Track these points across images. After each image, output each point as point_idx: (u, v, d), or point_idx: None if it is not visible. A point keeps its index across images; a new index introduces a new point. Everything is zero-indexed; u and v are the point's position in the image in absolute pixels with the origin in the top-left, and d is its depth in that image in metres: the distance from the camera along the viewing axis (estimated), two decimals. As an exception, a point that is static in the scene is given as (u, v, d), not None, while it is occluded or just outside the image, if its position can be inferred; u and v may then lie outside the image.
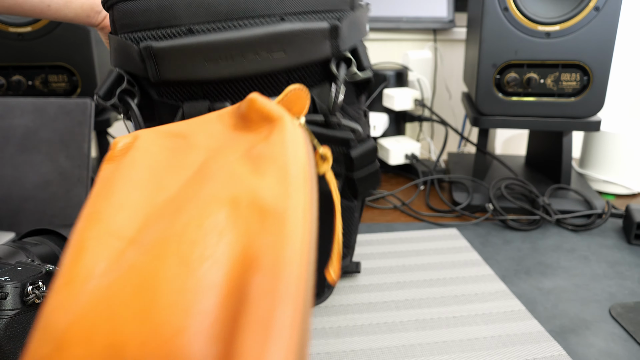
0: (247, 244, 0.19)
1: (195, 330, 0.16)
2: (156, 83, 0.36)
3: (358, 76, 0.37)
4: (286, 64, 0.35)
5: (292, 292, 0.17)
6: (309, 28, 0.34)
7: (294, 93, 0.27)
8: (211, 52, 0.34)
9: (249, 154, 0.23)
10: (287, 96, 0.27)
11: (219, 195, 0.20)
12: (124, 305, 0.18)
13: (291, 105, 0.27)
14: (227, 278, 0.18)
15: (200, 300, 0.17)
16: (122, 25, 0.36)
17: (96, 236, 0.21)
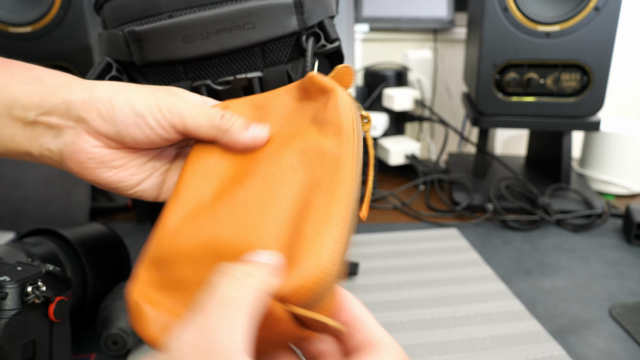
0: (312, 174, 0.27)
1: (272, 225, 0.25)
2: (141, 66, 0.39)
3: (327, 48, 0.40)
4: (257, 38, 0.37)
5: (344, 199, 0.25)
6: (275, 3, 0.37)
7: (342, 70, 0.32)
8: (187, 31, 0.37)
9: (315, 119, 0.30)
10: (337, 72, 0.32)
11: (293, 147, 0.29)
12: (223, 215, 0.26)
13: (340, 79, 0.32)
14: (297, 196, 0.26)
15: (278, 209, 0.26)
16: (111, 20, 0.39)
17: (202, 176, 0.30)
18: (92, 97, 0.31)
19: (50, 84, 0.31)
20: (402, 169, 0.92)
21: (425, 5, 1.11)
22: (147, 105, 0.31)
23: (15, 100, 0.31)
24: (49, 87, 0.31)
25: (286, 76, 0.39)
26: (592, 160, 0.82)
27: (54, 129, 0.31)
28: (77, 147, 0.31)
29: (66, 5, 0.66)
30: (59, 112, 0.31)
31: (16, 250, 0.42)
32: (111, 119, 0.31)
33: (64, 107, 0.31)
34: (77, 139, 0.31)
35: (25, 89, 0.31)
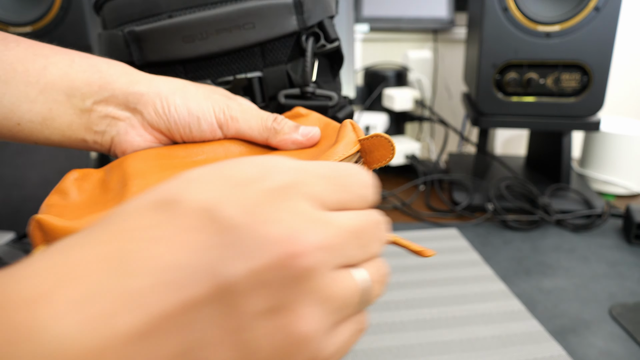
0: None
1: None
2: (141, 66, 0.39)
3: (326, 48, 0.40)
4: (257, 38, 0.38)
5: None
6: (274, 3, 0.37)
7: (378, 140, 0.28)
8: (187, 31, 0.37)
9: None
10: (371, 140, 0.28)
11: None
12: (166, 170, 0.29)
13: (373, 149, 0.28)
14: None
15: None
16: (110, 20, 0.39)
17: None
18: (150, 91, 0.32)
19: (108, 72, 0.32)
20: (402, 169, 0.92)
21: (425, 5, 1.11)
22: (202, 108, 0.32)
23: (74, 88, 0.31)
24: (107, 76, 0.31)
25: (286, 76, 0.40)
26: (592, 160, 0.82)
27: (108, 117, 0.32)
28: (127, 137, 0.32)
29: (66, 5, 0.66)
30: (116, 101, 0.32)
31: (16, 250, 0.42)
32: (166, 116, 0.32)
33: (122, 97, 0.32)
34: (130, 130, 0.32)
35: (84, 76, 0.31)
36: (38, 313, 0.14)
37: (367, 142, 0.28)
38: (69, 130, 0.32)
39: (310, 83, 0.39)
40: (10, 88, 0.29)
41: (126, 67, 0.33)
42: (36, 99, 0.30)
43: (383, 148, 0.27)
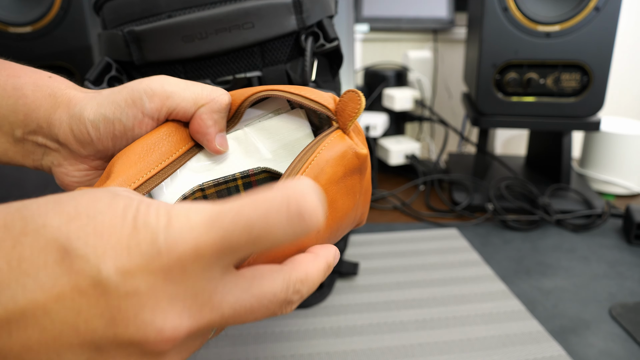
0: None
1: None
2: (141, 66, 0.39)
3: (326, 47, 0.40)
4: (256, 37, 0.37)
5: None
6: (273, 3, 0.37)
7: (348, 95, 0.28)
8: (186, 31, 0.37)
9: None
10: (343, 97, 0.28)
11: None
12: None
13: (345, 106, 0.28)
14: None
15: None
16: (110, 20, 0.39)
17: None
18: (65, 116, 0.28)
19: (33, 96, 0.29)
20: (402, 169, 0.92)
21: (425, 5, 1.11)
22: (119, 104, 0.28)
23: (1, 117, 0.29)
24: (31, 102, 0.29)
25: (285, 76, 0.40)
26: (592, 160, 0.82)
27: (42, 147, 0.30)
28: (62, 168, 0.30)
29: (66, 5, 0.66)
30: (43, 132, 0.29)
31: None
32: (86, 140, 0.28)
33: (47, 128, 0.29)
34: (62, 161, 0.30)
35: (10, 103, 0.29)
36: None
37: (339, 104, 0.28)
38: (5, 157, 0.30)
39: (309, 82, 0.39)
40: None
41: (54, 87, 0.30)
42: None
43: (351, 102, 0.28)
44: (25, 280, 0.17)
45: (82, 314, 0.17)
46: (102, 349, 0.18)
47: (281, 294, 0.21)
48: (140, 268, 0.17)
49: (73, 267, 0.17)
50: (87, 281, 0.17)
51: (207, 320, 0.19)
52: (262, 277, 0.21)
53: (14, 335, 0.17)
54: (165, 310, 0.18)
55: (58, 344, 0.17)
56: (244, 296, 0.20)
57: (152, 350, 0.18)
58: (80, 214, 0.18)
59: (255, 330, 0.46)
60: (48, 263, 0.17)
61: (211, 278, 0.19)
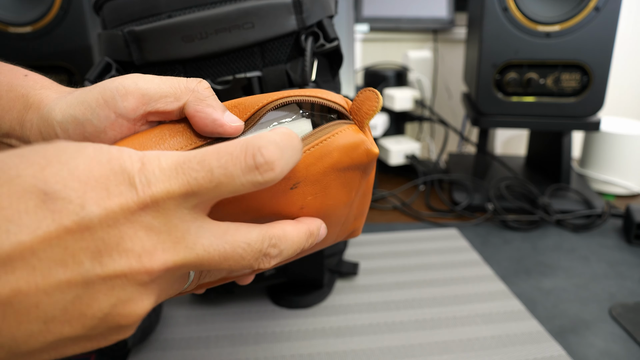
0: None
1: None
2: (140, 66, 0.39)
3: (326, 47, 0.40)
4: (256, 37, 0.37)
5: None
6: (273, 3, 0.37)
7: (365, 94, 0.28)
8: (186, 31, 0.37)
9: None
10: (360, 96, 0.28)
11: None
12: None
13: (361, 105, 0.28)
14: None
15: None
16: (110, 20, 0.39)
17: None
18: (34, 118, 0.27)
19: (6, 99, 0.28)
20: (402, 169, 0.92)
21: (425, 5, 1.11)
22: (90, 104, 0.26)
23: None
24: (5, 105, 0.28)
25: (285, 76, 0.40)
26: (592, 160, 0.82)
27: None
28: None
29: (66, 5, 0.66)
30: (16, 135, 0.28)
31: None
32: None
33: (19, 130, 0.28)
34: None
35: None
36: None
37: (355, 103, 0.28)
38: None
39: (309, 82, 0.39)
40: None
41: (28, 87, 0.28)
42: None
43: (368, 100, 0.28)
44: (7, 225, 0.17)
45: (69, 249, 0.18)
46: (88, 283, 0.19)
47: (255, 244, 0.22)
48: (120, 205, 0.19)
49: (56, 207, 0.18)
50: (71, 218, 0.18)
51: (182, 257, 0.20)
52: (237, 228, 0.22)
53: (2, 280, 0.17)
54: (142, 239, 0.19)
55: (47, 282, 0.18)
56: (218, 241, 0.21)
57: (134, 279, 0.19)
58: (51, 162, 0.19)
59: (255, 330, 0.46)
60: (29, 207, 0.18)
61: (182, 219, 0.20)
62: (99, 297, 0.19)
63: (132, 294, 0.20)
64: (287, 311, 0.49)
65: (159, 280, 0.21)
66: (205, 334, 0.46)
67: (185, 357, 0.43)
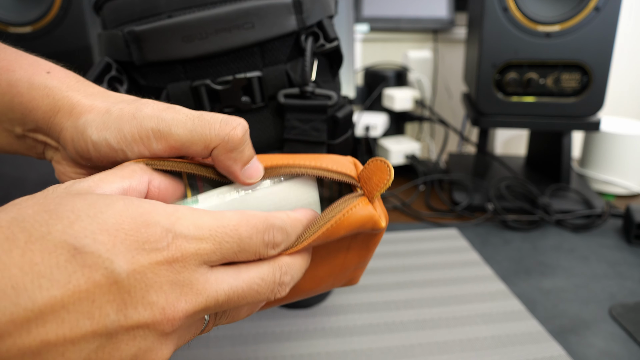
0: None
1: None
2: (140, 66, 0.39)
3: (326, 47, 0.40)
4: (256, 37, 0.37)
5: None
6: (273, 3, 0.37)
7: (376, 164, 0.27)
8: (187, 31, 0.36)
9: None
10: (370, 166, 0.27)
11: None
12: None
13: (372, 175, 0.27)
14: None
15: None
16: (111, 20, 0.39)
17: None
18: (68, 124, 0.27)
19: (29, 95, 0.27)
20: (402, 169, 0.92)
21: (425, 5, 1.11)
22: (125, 136, 0.26)
23: (0, 113, 0.28)
24: (27, 102, 0.27)
25: (285, 76, 0.40)
26: (592, 160, 0.82)
27: (43, 144, 0.29)
28: (61, 167, 0.29)
29: (66, 5, 0.66)
30: (44, 132, 0.28)
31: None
32: (86, 156, 0.27)
33: (46, 128, 0.28)
34: (62, 160, 0.29)
35: (5, 100, 0.28)
36: None
37: (364, 172, 0.28)
38: (11, 149, 0.30)
39: (309, 82, 0.39)
40: None
41: (53, 81, 0.28)
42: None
43: (380, 172, 0.27)
44: (40, 281, 0.18)
45: (96, 301, 0.19)
46: (112, 333, 0.19)
47: (269, 277, 0.24)
48: (149, 260, 0.20)
49: (85, 262, 0.19)
50: (100, 272, 0.19)
51: (203, 304, 0.22)
52: (247, 266, 0.24)
53: (33, 333, 0.18)
54: (167, 292, 0.20)
55: (74, 333, 0.18)
56: (235, 282, 0.23)
57: (156, 329, 0.20)
58: (80, 216, 0.19)
59: (255, 330, 0.46)
60: (60, 262, 0.18)
61: (205, 272, 0.22)
62: (121, 347, 0.20)
63: (153, 344, 0.21)
64: (287, 311, 0.49)
65: (179, 329, 0.22)
66: (205, 334, 0.46)
67: (185, 357, 0.43)
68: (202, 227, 0.22)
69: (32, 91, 0.27)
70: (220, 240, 0.22)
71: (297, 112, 0.40)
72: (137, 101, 0.27)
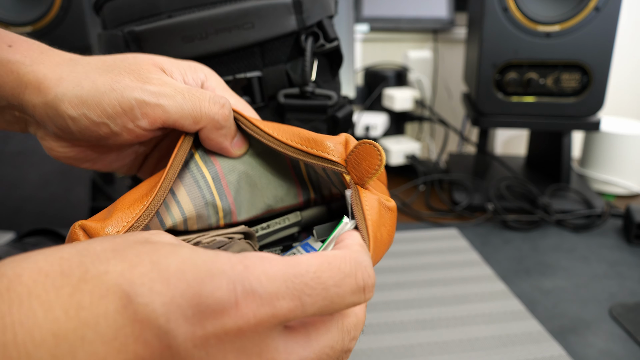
0: None
1: None
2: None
3: (326, 47, 0.40)
4: (256, 37, 0.37)
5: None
6: (273, 3, 0.37)
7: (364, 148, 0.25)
8: (186, 31, 0.37)
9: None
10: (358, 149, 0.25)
11: None
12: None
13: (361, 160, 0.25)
14: None
15: None
16: (110, 20, 0.39)
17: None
18: (38, 101, 0.25)
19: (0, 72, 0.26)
20: (402, 169, 0.92)
21: (425, 5, 1.11)
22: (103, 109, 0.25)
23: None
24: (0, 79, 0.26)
25: (285, 76, 0.40)
26: (592, 160, 0.82)
27: (21, 120, 0.28)
28: (46, 142, 0.28)
29: (66, 5, 0.66)
30: (18, 109, 0.27)
31: (16, 250, 0.42)
32: (67, 130, 0.26)
33: (19, 106, 0.26)
34: (45, 135, 0.28)
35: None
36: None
37: (352, 156, 0.26)
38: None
39: (309, 82, 0.39)
40: None
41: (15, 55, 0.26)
42: None
43: (370, 157, 0.25)
44: (84, 331, 0.15)
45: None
46: None
47: (338, 345, 0.20)
48: (213, 319, 0.16)
49: (137, 315, 0.15)
50: (152, 331, 0.15)
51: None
52: (317, 331, 0.20)
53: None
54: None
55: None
56: (305, 353, 0.19)
57: None
58: (143, 261, 0.16)
59: (255, 330, 0.46)
60: (109, 311, 0.15)
61: (275, 336, 0.18)
62: None
63: None
64: (287, 311, 0.49)
65: None
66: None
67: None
68: (275, 276, 0.17)
69: (2, 67, 0.26)
70: (300, 293, 0.17)
71: (297, 112, 0.40)
72: (109, 68, 0.26)
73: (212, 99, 0.27)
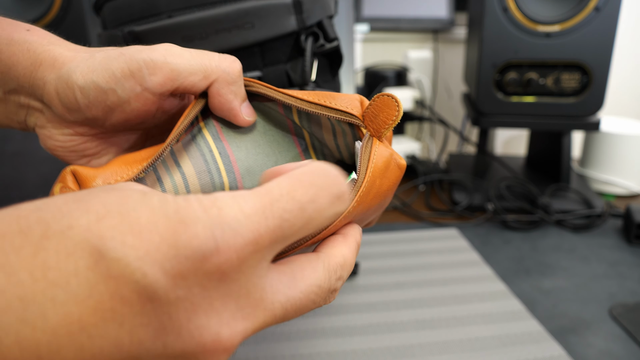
0: None
1: None
2: None
3: (326, 47, 0.40)
4: (256, 37, 0.38)
5: None
6: (273, 3, 0.38)
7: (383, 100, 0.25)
8: (186, 31, 0.37)
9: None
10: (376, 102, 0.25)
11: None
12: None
13: (378, 112, 0.26)
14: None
15: None
16: (110, 20, 0.39)
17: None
18: (52, 76, 0.25)
19: (7, 53, 0.26)
20: (402, 169, 0.92)
21: (425, 5, 1.11)
22: (114, 73, 0.25)
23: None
24: (7, 58, 0.26)
25: (285, 76, 0.40)
26: (592, 160, 0.82)
27: (25, 107, 0.27)
28: (45, 130, 0.27)
29: (66, 5, 0.66)
30: (25, 91, 0.26)
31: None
32: (73, 106, 0.25)
33: (29, 87, 0.26)
34: (47, 123, 0.27)
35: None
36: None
37: (370, 109, 0.26)
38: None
39: (309, 82, 0.39)
40: None
41: (33, 37, 0.26)
42: None
43: (387, 108, 0.25)
44: (54, 292, 0.14)
45: (126, 324, 0.15)
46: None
47: (325, 284, 0.20)
48: (194, 269, 0.15)
49: (110, 271, 0.14)
50: (129, 287, 0.14)
51: (261, 322, 0.17)
52: (303, 270, 0.19)
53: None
54: (219, 311, 0.16)
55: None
56: (292, 292, 0.18)
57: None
58: (110, 212, 0.15)
59: (255, 330, 0.46)
60: (79, 269, 0.14)
61: (261, 274, 0.17)
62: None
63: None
64: (287, 311, 0.49)
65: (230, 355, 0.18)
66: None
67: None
68: (252, 210, 0.16)
69: (12, 47, 0.26)
70: (279, 218, 0.16)
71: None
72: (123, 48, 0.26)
73: (221, 55, 0.27)
